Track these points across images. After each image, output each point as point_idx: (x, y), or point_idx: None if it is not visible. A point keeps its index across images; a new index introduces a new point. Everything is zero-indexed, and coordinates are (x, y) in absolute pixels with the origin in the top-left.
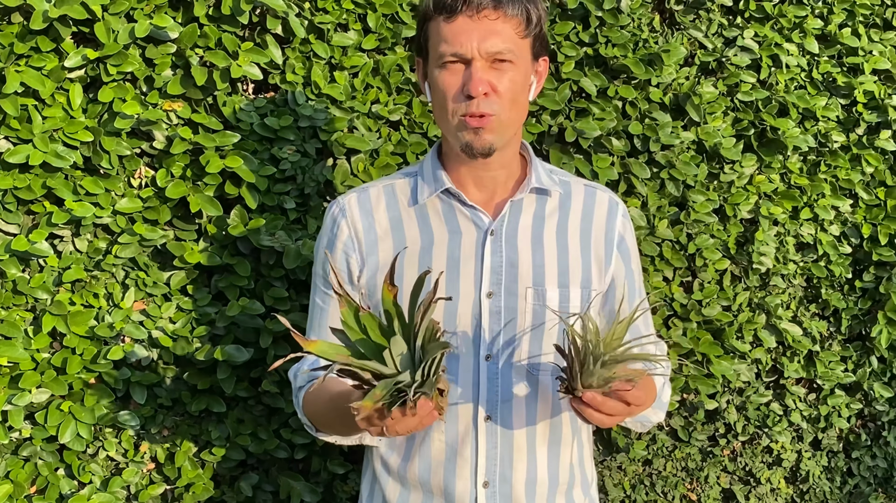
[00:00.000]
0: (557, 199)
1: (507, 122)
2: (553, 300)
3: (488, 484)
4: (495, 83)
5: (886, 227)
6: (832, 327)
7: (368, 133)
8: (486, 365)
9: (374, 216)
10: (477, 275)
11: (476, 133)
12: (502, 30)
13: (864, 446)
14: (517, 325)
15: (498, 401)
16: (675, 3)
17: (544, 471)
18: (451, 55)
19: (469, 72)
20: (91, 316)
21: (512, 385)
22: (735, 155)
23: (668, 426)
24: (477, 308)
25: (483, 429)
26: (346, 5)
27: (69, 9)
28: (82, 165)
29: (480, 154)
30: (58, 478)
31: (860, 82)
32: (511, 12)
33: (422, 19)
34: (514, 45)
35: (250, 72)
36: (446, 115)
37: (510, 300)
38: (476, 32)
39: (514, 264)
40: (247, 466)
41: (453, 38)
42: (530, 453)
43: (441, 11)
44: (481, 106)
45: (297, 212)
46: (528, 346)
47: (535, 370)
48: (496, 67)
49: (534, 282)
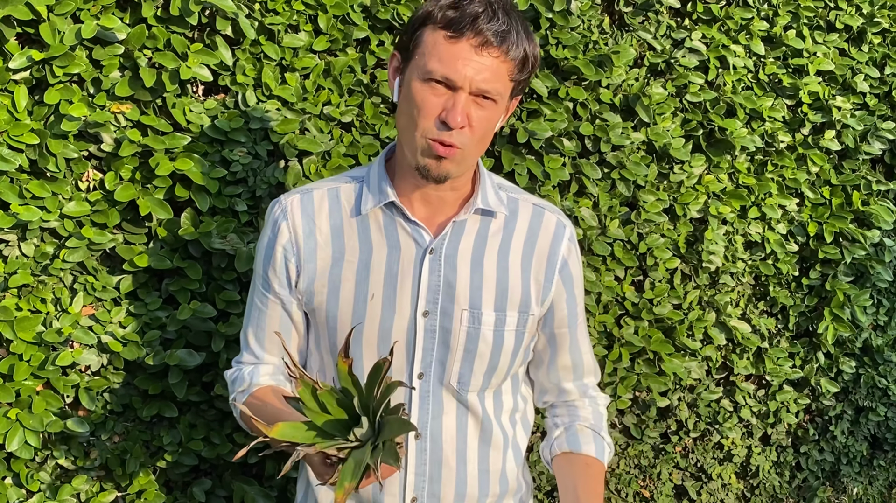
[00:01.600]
0: (502, 220)
1: (470, 156)
2: (489, 323)
3: (416, 500)
4: (472, 117)
5: (831, 226)
6: (780, 324)
7: (320, 135)
8: (417, 383)
9: (316, 222)
10: (413, 293)
11: (438, 161)
12: (498, 69)
13: (811, 441)
14: (450, 346)
15: (428, 419)
16: (625, 5)
17: (474, 487)
18: (440, 76)
19: (453, 99)
20: (38, 321)
21: (442, 404)
22: (684, 155)
23: (621, 424)
24: (412, 326)
25: (413, 447)
26: (297, 6)
27: (13, 9)
28: (28, 168)
29: (434, 180)
30: (5, 488)
31: (805, 83)
32: (512, 55)
33: (420, 20)
34: (503, 85)
35: (200, 73)
36: (414, 130)
37: (445, 320)
38: (473, 64)
39: (452, 285)
40: (200, 471)
41: (449, 61)
42: (459, 469)
43: (446, 27)
44: (453, 137)
45: (248, 214)
46: (460, 367)
47: (465, 390)
48: (477, 102)
49: (470, 304)
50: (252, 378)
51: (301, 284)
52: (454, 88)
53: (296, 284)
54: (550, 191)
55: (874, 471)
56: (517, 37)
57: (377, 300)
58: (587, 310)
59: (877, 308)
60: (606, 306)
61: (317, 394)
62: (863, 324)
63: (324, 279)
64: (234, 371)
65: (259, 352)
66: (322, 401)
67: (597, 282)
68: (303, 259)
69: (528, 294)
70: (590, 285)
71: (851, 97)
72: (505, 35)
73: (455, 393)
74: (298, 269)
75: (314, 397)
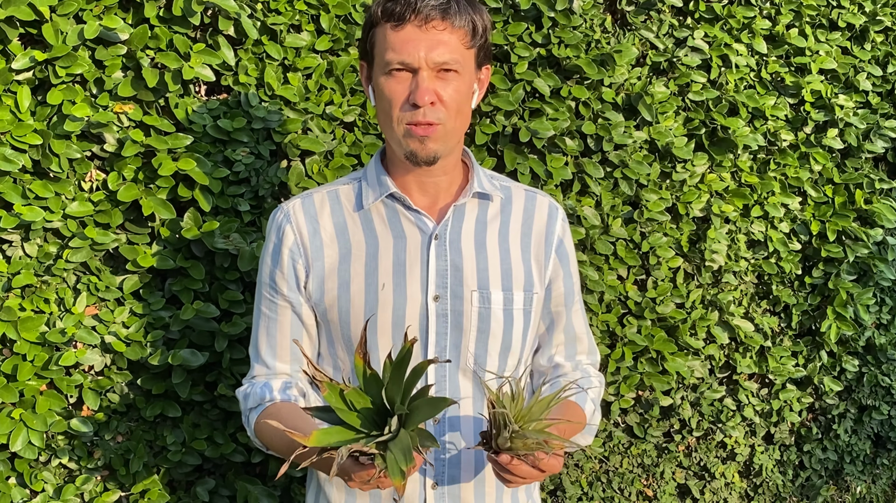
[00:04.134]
0: (499, 204)
1: (452, 131)
2: (498, 301)
3: (437, 485)
4: (440, 92)
5: (834, 224)
6: (783, 323)
7: (322, 134)
8: (433, 367)
9: (319, 221)
10: (423, 279)
11: (421, 142)
12: (449, 40)
13: (815, 439)
14: (463, 328)
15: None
16: (627, 4)
17: (490, 471)
18: (397, 63)
19: (416, 81)
20: (42, 321)
21: (459, 386)
22: (687, 154)
23: (624, 423)
24: (424, 311)
25: (431, 431)
26: (299, 6)
27: (16, 10)
28: (31, 169)
29: (424, 162)
30: (9, 488)
31: (807, 82)
32: (458, 24)
33: (368, 24)
34: (460, 55)
35: (202, 73)
36: (391, 122)
37: (456, 303)
38: (423, 42)
39: (459, 268)
40: (203, 471)
41: (401, 47)
42: (477, 453)
43: (389, 19)
44: (427, 114)
45: (251, 214)
46: (475, 348)
47: (482, 371)
48: (441, 77)
49: (478, 284)
50: (263, 394)
51: (310, 285)
52: (413, 70)
53: (305, 286)
54: (553, 190)
55: (877, 470)
56: (458, 6)
57: (388, 289)
58: (590, 310)
59: (880, 306)
60: (609, 305)
61: (344, 394)
62: (866, 323)
63: (333, 276)
64: (246, 387)
65: (271, 361)
66: (350, 401)
67: (599, 281)
68: (310, 259)
69: (530, 273)
70: (592, 284)
71: (854, 95)
72: (445, 8)
73: (472, 375)
74: (307, 270)
75: (342, 398)
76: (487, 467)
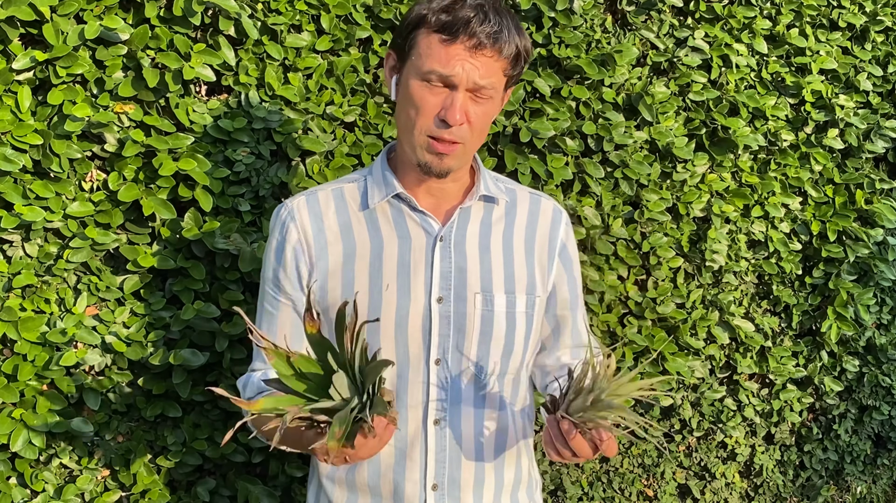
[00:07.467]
0: (504, 207)
1: (470, 150)
2: (500, 304)
3: (437, 486)
4: (470, 112)
5: (835, 224)
6: (783, 323)
7: (323, 135)
8: (435, 369)
9: (324, 220)
10: (427, 280)
11: (440, 158)
12: (492, 67)
13: (815, 439)
14: (466, 330)
15: (447, 404)
16: (627, 4)
17: (491, 473)
18: (438, 76)
19: (452, 98)
20: (42, 322)
21: (461, 389)
22: (687, 154)
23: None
24: (427, 313)
25: (432, 432)
26: (300, 6)
27: (17, 10)
28: (32, 169)
29: (437, 175)
30: (10, 488)
31: (808, 82)
32: (505, 52)
33: (414, 23)
34: (498, 80)
35: (203, 73)
36: (413, 128)
37: (459, 305)
38: (469, 64)
39: (463, 270)
40: (204, 471)
41: (447, 62)
42: (478, 455)
43: (441, 31)
44: (453, 133)
45: (251, 214)
46: (477, 351)
47: (483, 374)
48: (474, 98)
49: (482, 287)
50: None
51: (313, 283)
52: (452, 87)
53: (307, 284)
54: (553, 190)
55: (878, 470)
56: (509, 35)
57: (392, 289)
58: (590, 310)
59: (880, 306)
60: (610, 305)
61: (290, 361)
62: (866, 323)
63: (337, 276)
64: (245, 377)
65: None
66: (298, 368)
67: (600, 281)
68: (314, 257)
69: (532, 277)
70: (593, 284)
71: (854, 95)
72: (497, 35)
73: (474, 378)
74: (310, 268)
75: (289, 365)
76: (488, 468)
